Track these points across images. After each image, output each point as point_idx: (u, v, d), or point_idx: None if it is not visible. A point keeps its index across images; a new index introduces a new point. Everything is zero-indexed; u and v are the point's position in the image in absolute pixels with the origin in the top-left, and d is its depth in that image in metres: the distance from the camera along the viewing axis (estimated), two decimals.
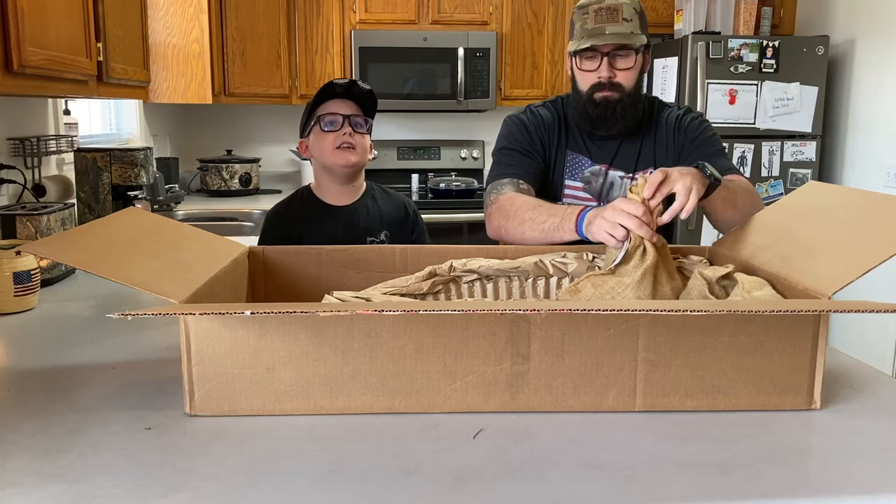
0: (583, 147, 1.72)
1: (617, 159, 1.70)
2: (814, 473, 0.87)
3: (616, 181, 1.70)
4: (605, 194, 1.71)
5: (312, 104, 1.78)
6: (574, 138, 1.72)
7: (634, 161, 1.70)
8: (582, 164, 1.72)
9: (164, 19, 3.15)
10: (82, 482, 0.81)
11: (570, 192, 1.72)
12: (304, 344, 0.97)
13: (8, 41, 1.53)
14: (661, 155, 1.70)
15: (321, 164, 1.80)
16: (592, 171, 1.71)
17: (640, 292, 1.20)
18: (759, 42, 3.42)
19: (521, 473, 0.84)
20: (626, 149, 1.70)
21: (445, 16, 3.84)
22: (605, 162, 1.70)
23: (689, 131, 1.69)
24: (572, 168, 1.72)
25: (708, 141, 1.68)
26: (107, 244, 1.08)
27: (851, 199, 1.25)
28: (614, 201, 1.32)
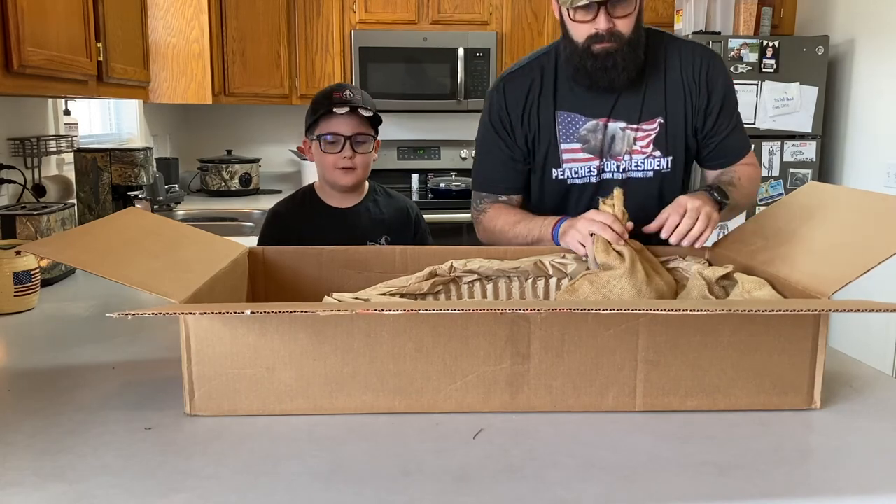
0: (575, 103, 1.54)
1: (616, 110, 1.53)
2: (814, 473, 0.87)
3: (618, 133, 1.54)
4: (606, 149, 1.55)
5: (315, 111, 1.73)
6: (564, 96, 1.55)
7: (638, 110, 1.53)
8: (576, 122, 1.55)
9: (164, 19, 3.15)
10: (82, 482, 0.81)
11: (568, 156, 1.57)
12: (304, 344, 0.97)
13: (8, 41, 1.53)
14: (673, 105, 1.53)
15: (321, 176, 1.80)
16: (588, 127, 1.55)
17: (634, 280, 1.20)
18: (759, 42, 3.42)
19: (521, 473, 0.84)
20: (626, 97, 1.53)
21: (445, 16, 3.84)
22: (602, 115, 1.54)
23: (713, 93, 1.54)
24: (566, 129, 1.56)
25: (731, 115, 1.57)
26: (107, 244, 1.08)
27: (851, 199, 1.25)
28: (587, 212, 1.32)
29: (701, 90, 1.53)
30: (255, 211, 3.34)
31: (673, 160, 1.55)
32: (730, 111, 1.57)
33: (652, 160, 1.55)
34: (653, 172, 1.55)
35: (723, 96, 1.55)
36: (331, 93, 1.73)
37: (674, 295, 1.28)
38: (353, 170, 1.73)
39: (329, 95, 1.72)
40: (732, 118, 1.58)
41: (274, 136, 4.26)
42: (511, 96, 1.56)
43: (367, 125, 1.74)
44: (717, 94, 1.54)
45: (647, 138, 1.54)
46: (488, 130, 1.61)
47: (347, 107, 1.69)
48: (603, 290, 1.20)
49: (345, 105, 1.69)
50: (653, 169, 1.55)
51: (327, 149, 1.72)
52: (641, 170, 1.55)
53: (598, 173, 1.56)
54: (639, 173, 1.56)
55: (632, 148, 1.54)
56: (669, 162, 1.55)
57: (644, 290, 1.21)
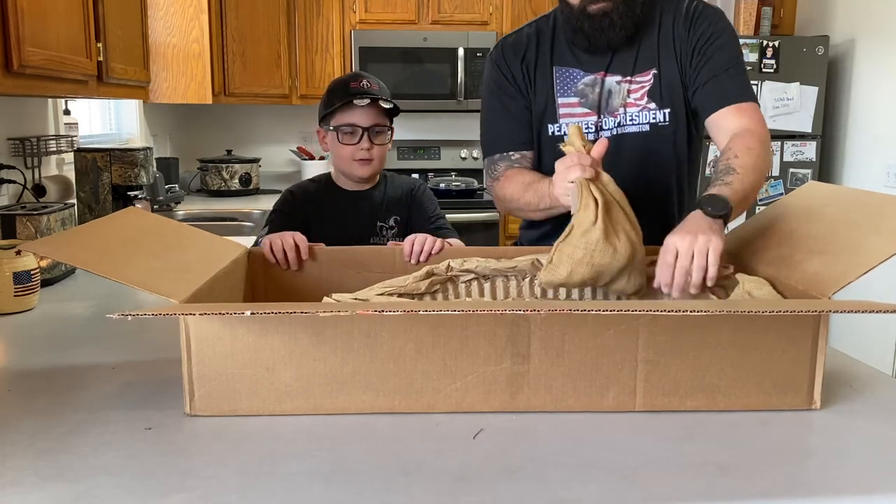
0: (572, 59, 1.54)
1: (613, 65, 1.52)
2: (814, 473, 0.87)
3: (614, 88, 1.52)
4: (604, 105, 1.53)
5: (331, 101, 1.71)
6: (561, 52, 1.55)
7: (633, 63, 1.52)
8: (573, 77, 1.54)
9: (164, 19, 3.15)
10: (82, 482, 0.81)
11: (565, 111, 1.55)
12: (304, 344, 0.97)
13: (8, 41, 1.53)
14: (665, 56, 1.50)
15: (337, 166, 1.79)
16: (586, 82, 1.54)
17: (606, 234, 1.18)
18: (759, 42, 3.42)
19: (521, 473, 0.84)
20: (622, 52, 1.52)
21: (445, 16, 3.84)
22: (599, 70, 1.53)
23: (699, 33, 1.48)
24: (563, 84, 1.55)
25: (719, 51, 1.47)
26: (107, 244, 1.08)
27: (851, 198, 1.25)
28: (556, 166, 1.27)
29: (688, 33, 1.49)
30: (255, 211, 3.34)
31: (672, 113, 1.51)
32: (720, 46, 1.48)
33: (647, 112, 1.51)
34: (649, 126, 1.51)
35: (708, 36, 1.47)
36: (348, 82, 1.71)
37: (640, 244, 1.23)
38: (370, 161, 1.71)
39: (346, 85, 1.70)
40: (721, 59, 1.47)
41: (274, 136, 4.26)
42: (509, 52, 1.58)
43: (383, 116, 1.73)
44: (704, 32, 1.48)
45: (642, 90, 1.50)
46: (491, 92, 1.60)
47: (368, 98, 1.67)
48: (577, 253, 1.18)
49: (365, 96, 1.67)
50: (648, 122, 1.51)
51: (345, 140, 1.70)
52: (636, 124, 1.51)
53: (596, 130, 1.52)
54: (634, 128, 1.51)
55: (626, 101, 1.50)
56: (667, 115, 1.50)
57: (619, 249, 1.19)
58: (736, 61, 1.48)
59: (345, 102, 1.67)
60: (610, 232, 1.18)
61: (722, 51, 1.47)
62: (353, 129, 1.69)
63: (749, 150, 1.34)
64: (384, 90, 1.74)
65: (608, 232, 1.18)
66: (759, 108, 1.46)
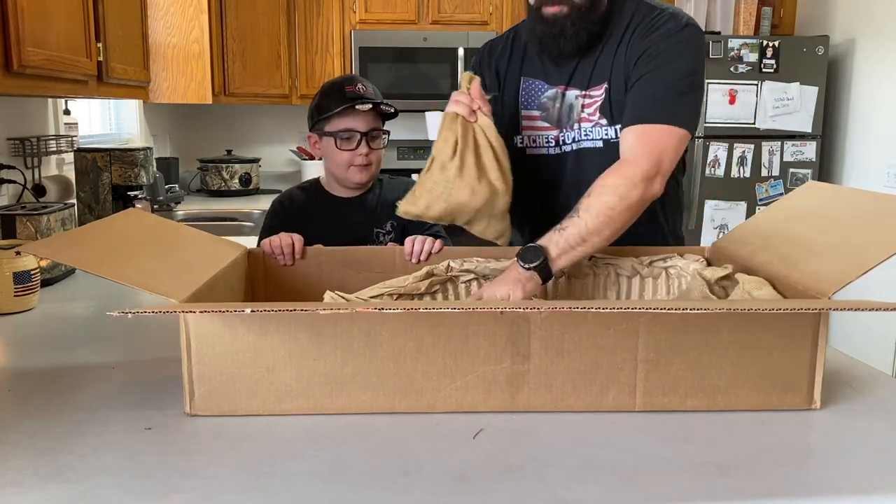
0: (539, 70, 1.50)
1: (574, 78, 1.46)
2: (814, 473, 0.87)
3: (573, 102, 1.46)
4: (564, 119, 1.48)
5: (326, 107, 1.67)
6: (531, 62, 1.51)
7: (588, 77, 1.44)
8: (538, 89, 1.50)
9: (164, 19, 3.15)
10: (82, 482, 0.81)
11: (528, 123, 1.52)
12: (304, 343, 0.97)
13: (8, 41, 1.53)
14: (617, 70, 1.41)
15: (332, 173, 1.76)
16: (549, 95, 1.49)
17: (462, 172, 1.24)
18: (759, 42, 3.42)
19: (521, 473, 0.84)
20: (583, 65, 1.45)
21: (445, 16, 3.84)
22: (561, 83, 1.47)
23: (646, 46, 1.36)
24: (528, 95, 1.52)
25: (659, 67, 1.34)
26: (107, 244, 1.08)
27: (851, 199, 1.25)
28: None
29: (638, 47, 1.38)
30: (255, 211, 3.34)
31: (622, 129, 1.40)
32: (657, 67, 1.35)
33: (599, 129, 1.45)
34: (602, 142, 1.44)
35: (654, 49, 1.36)
36: (343, 86, 1.67)
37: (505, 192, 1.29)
38: (368, 166, 1.68)
39: (342, 89, 1.66)
40: (654, 75, 1.35)
41: (274, 136, 4.26)
42: (486, 57, 1.59)
43: (379, 119, 1.70)
44: (647, 46, 1.36)
45: (594, 105, 1.45)
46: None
47: (370, 104, 1.64)
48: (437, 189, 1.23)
49: (364, 101, 1.63)
50: (601, 138, 1.45)
51: (343, 146, 1.65)
52: (591, 139, 1.46)
53: (557, 144, 1.50)
54: (589, 143, 1.46)
55: (580, 116, 1.46)
56: (618, 131, 1.40)
57: (476, 187, 1.23)
58: (671, 82, 1.34)
59: (345, 107, 1.64)
60: (468, 171, 1.22)
61: (660, 69, 1.35)
62: (350, 135, 1.65)
63: (604, 189, 1.24)
64: (377, 93, 1.70)
65: (465, 170, 1.22)
66: (671, 132, 1.31)
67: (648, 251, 1.38)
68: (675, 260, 1.34)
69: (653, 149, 1.29)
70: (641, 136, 1.31)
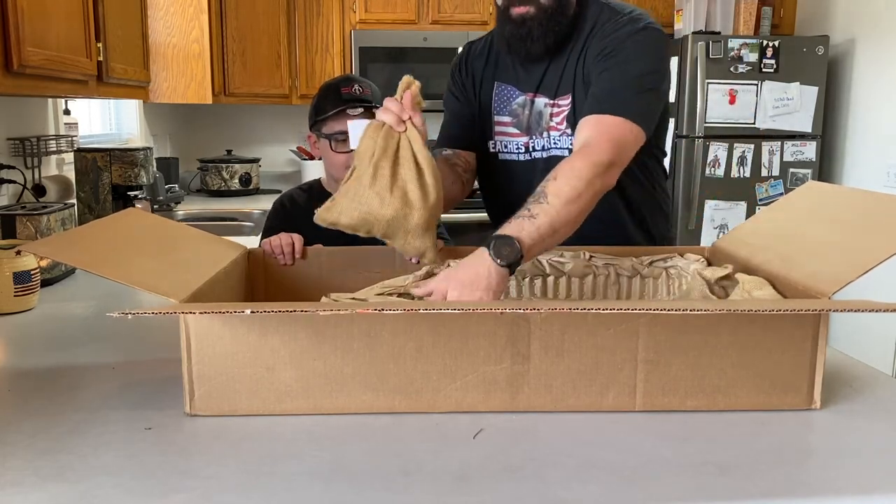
0: (512, 75, 1.50)
1: (543, 84, 1.46)
2: (814, 473, 0.87)
3: (543, 109, 1.46)
4: (534, 126, 1.47)
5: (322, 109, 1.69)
6: (505, 67, 1.51)
7: (556, 84, 1.44)
8: (510, 94, 1.50)
9: (164, 19, 3.15)
10: (82, 482, 0.81)
11: (500, 129, 1.52)
12: (305, 343, 0.97)
13: (8, 41, 1.53)
14: (579, 78, 1.41)
15: (329, 173, 1.77)
16: (519, 102, 1.49)
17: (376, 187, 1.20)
18: (759, 42, 3.42)
19: (521, 473, 0.84)
20: (551, 71, 1.44)
21: (445, 16, 3.84)
22: (531, 90, 1.47)
23: (603, 45, 1.36)
24: (500, 100, 1.51)
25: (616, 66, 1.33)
26: (107, 244, 1.08)
27: (851, 199, 1.25)
28: None
29: (598, 48, 1.37)
30: (255, 211, 3.34)
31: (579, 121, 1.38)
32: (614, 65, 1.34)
33: (566, 138, 1.44)
34: (569, 151, 1.41)
35: (610, 49, 1.35)
36: (339, 87, 1.68)
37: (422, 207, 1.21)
38: None
39: (338, 90, 1.67)
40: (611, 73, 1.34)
41: (274, 136, 4.26)
42: (464, 60, 1.58)
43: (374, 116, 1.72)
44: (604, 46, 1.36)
45: (562, 114, 1.45)
46: (447, 92, 1.61)
47: (362, 108, 1.65)
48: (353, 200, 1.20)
49: (358, 104, 1.65)
50: (568, 147, 1.43)
51: (338, 148, 1.68)
52: (559, 148, 1.46)
53: (527, 150, 1.49)
54: (558, 151, 1.46)
55: (548, 125, 1.46)
56: None
57: (387, 197, 1.19)
58: (628, 79, 1.32)
59: (338, 111, 1.65)
60: (381, 180, 1.19)
61: (617, 66, 1.33)
62: (346, 138, 1.65)
63: (572, 172, 1.19)
64: (376, 93, 1.71)
65: (378, 179, 1.19)
66: (628, 126, 1.28)
67: (649, 251, 1.38)
68: (675, 260, 1.34)
69: (613, 138, 1.26)
70: (599, 126, 1.28)
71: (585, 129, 1.30)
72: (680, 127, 3.47)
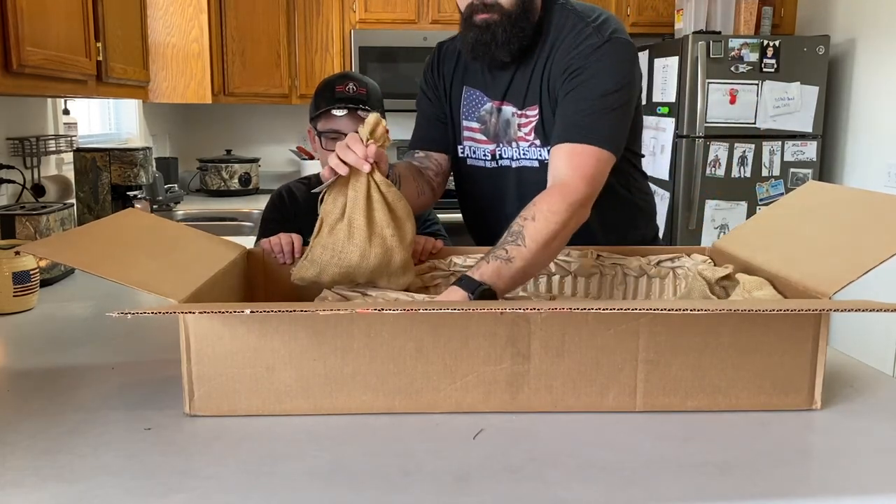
0: (480, 80, 1.48)
1: (509, 93, 1.44)
2: (814, 473, 0.87)
3: (511, 118, 1.44)
4: (502, 134, 1.46)
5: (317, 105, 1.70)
6: (474, 71, 1.49)
7: (524, 94, 1.42)
8: (478, 100, 1.48)
9: (164, 19, 3.15)
10: (82, 482, 0.81)
11: (468, 134, 1.51)
12: (304, 343, 0.97)
13: (7, 41, 1.53)
14: (545, 89, 1.39)
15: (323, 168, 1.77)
16: (486, 108, 1.47)
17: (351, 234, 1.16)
18: (760, 42, 3.42)
19: (521, 473, 0.84)
20: (518, 79, 1.43)
21: (445, 15, 3.84)
22: (497, 97, 1.45)
23: (568, 63, 1.35)
24: (468, 105, 1.50)
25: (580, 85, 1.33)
26: (106, 245, 1.08)
27: (851, 199, 1.25)
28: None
29: (564, 66, 1.36)
30: (254, 211, 3.34)
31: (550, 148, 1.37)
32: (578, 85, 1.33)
33: (535, 149, 1.43)
34: (538, 162, 1.43)
35: (576, 68, 1.34)
36: (334, 85, 1.69)
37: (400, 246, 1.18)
38: None
39: (332, 88, 1.68)
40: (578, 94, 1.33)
41: (274, 136, 4.26)
42: (435, 61, 1.57)
43: None
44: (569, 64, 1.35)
45: (529, 125, 1.43)
46: (419, 92, 1.60)
47: (346, 109, 1.66)
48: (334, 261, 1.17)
49: (344, 105, 1.66)
50: (537, 158, 1.43)
51: (328, 146, 1.68)
52: (529, 158, 1.45)
53: (493, 158, 1.49)
54: (527, 162, 1.45)
55: (516, 135, 1.45)
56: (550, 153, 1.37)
57: (367, 250, 1.16)
58: (595, 100, 1.32)
59: (325, 110, 1.66)
60: (357, 232, 1.16)
61: (583, 86, 1.33)
62: (336, 135, 1.66)
63: (550, 215, 1.21)
64: (373, 92, 1.71)
65: (354, 231, 1.17)
66: (599, 155, 1.29)
67: (656, 251, 1.38)
68: (682, 260, 1.35)
69: (586, 173, 1.27)
70: (571, 158, 1.29)
71: (558, 161, 1.30)
72: (680, 127, 3.47)
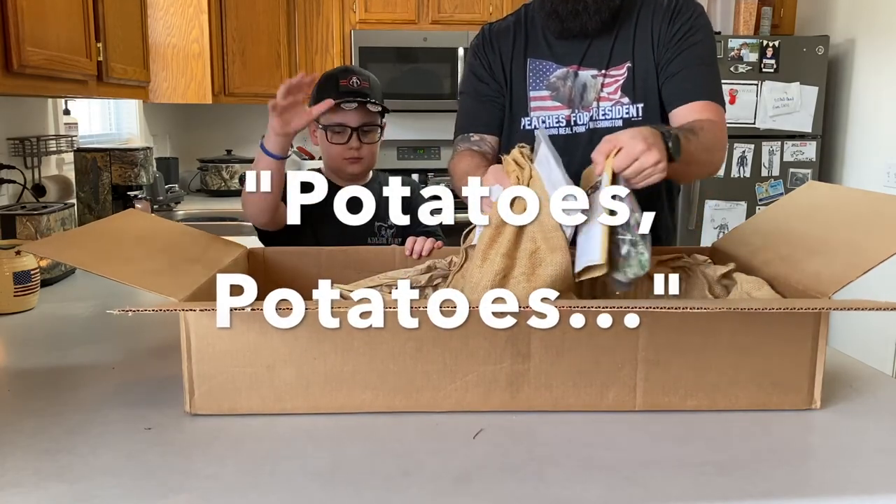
0: (546, 51, 1.52)
1: (587, 57, 1.49)
2: (814, 473, 0.87)
3: (588, 81, 1.49)
4: (577, 99, 1.50)
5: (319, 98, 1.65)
6: (536, 43, 1.53)
7: (608, 56, 1.48)
8: (546, 70, 1.51)
9: (164, 19, 3.15)
10: (82, 482, 0.81)
11: (537, 104, 1.52)
12: (305, 342, 0.97)
13: (8, 41, 1.53)
14: (640, 49, 1.47)
15: (326, 163, 1.78)
16: (558, 74, 1.50)
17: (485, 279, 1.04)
18: (759, 42, 3.42)
19: (521, 473, 0.84)
20: (597, 44, 1.48)
21: (445, 16, 3.84)
22: (573, 63, 1.49)
23: (678, 26, 1.45)
24: (536, 76, 1.52)
25: (695, 46, 1.44)
26: (107, 244, 1.08)
27: (851, 199, 1.25)
28: (492, 167, 1.17)
29: (667, 26, 1.46)
30: None
31: (644, 108, 1.47)
32: (692, 45, 1.44)
33: (620, 107, 1.47)
34: (622, 121, 1.46)
35: (687, 30, 1.45)
36: (338, 78, 1.68)
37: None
38: (359, 160, 1.70)
39: (336, 82, 1.67)
40: (694, 54, 1.44)
41: None
42: (487, 41, 1.58)
43: (373, 114, 1.70)
44: (682, 28, 1.45)
45: (615, 84, 1.47)
46: (466, 78, 1.61)
47: (356, 103, 1.65)
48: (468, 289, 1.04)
49: (353, 99, 1.65)
50: (621, 117, 1.47)
51: (334, 139, 1.68)
52: (609, 118, 1.47)
53: (568, 124, 1.50)
54: (606, 122, 1.47)
55: (599, 95, 1.47)
56: (640, 109, 1.46)
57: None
58: (710, 60, 1.46)
59: (336, 104, 1.66)
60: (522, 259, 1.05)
61: (697, 46, 1.44)
62: (342, 129, 1.66)
63: (714, 131, 1.34)
64: (375, 86, 1.71)
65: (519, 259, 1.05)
66: (723, 113, 1.43)
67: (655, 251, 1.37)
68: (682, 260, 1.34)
69: (722, 122, 1.42)
70: (709, 110, 1.40)
71: (698, 115, 1.39)
72: None
